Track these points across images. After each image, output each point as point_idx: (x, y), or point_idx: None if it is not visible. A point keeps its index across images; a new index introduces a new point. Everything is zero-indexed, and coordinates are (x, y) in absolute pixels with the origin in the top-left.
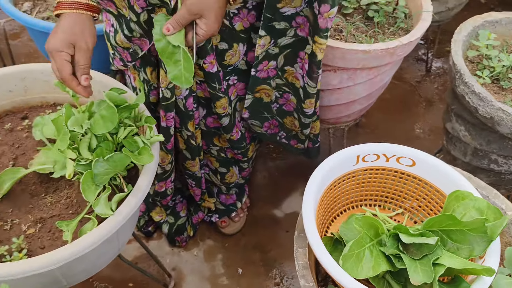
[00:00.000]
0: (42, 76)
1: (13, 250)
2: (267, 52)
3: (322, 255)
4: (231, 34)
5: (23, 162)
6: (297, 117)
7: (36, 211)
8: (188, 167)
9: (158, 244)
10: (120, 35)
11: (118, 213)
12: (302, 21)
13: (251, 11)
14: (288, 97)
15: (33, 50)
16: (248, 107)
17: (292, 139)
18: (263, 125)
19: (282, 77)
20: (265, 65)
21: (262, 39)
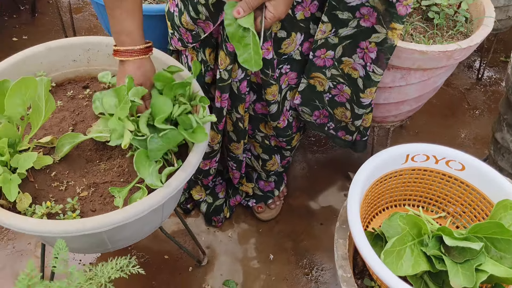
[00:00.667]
0: (106, 49)
1: (67, 209)
2: (326, 40)
3: (364, 248)
4: (291, 22)
5: (82, 129)
6: (349, 107)
7: (90, 175)
8: (232, 149)
9: (195, 222)
10: (186, 16)
11: (167, 185)
12: (367, 12)
13: (314, 0)
14: (342, 88)
15: (93, 25)
16: (301, 92)
17: (340, 130)
18: (313, 114)
19: (338, 68)
20: (323, 53)
21: (324, 25)
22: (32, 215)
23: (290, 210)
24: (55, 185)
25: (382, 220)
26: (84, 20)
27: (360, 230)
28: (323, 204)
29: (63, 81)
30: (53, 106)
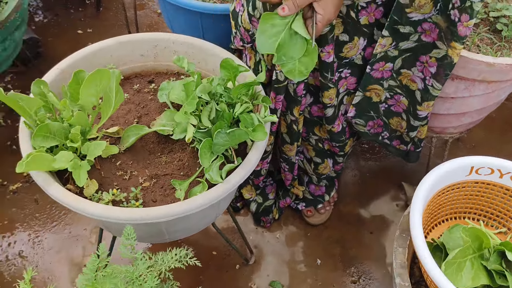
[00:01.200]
0: (172, 46)
1: (130, 198)
2: (386, 53)
3: (426, 258)
4: (355, 27)
5: (146, 122)
6: (405, 118)
7: (152, 167)
8: (285, 151)
9: (244, 221)
10: (245, 13)
11: (227, 181)
12: (429, 27)
13: (379, 6)
14: (399, 99)
15: (154, 21)
16: (356, 105)
17: (395, 139)
18: (367, 124)
19: (396, 79)
20: (381, 66)
21: (384, 39)
22: (98, 201)
23: (340, 216)
24: (120, 174)
25: (441, 231)
26: (146, 16)
27: (422, 240)
28: (374, 212)
29: (130, 74)
30: (122, 98)
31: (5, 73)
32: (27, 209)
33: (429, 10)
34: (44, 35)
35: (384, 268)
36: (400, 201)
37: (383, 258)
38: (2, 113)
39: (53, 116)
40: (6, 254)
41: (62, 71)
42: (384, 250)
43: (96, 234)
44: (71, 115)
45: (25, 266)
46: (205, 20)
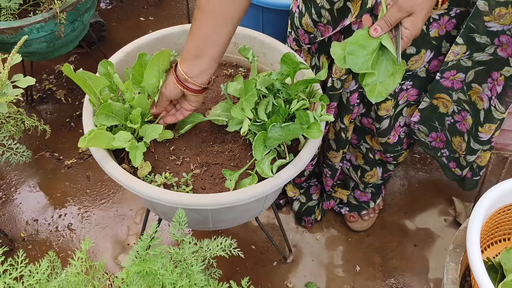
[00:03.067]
0: (234, 38)
1: (181, 183)
2: (459, 62)
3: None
4: (423, 39)
5: (202, 110)
6: (466, 139)
7: (204, 155)
8: (330, 157)
9: (285, 219)
10: (307, 18)
11: (278, 176)
12: (507, 41)
13: (452, 18)
14: (466, 116)
15: None
16: (421, 110)
17: (452, 161)
18: (430, 135)
19: (466, 93)
20: (453, 75)
21: (457, 46)
22: (151, 182)
23: (383, 225)
24: (172, 158)
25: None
26: None
27: (479, 258)
28: (420, 225)
29: None
30: None
31: (70, 53)
32: (79, 184)
33: (509, 22)
34: (108, 20)
35: (425, 283)
36: (448, 216)
37: (425, 272)
38: (63, 91)
39: (116, 97)
40: (56, 225)
41: (127, 54)
42: (427, 264)
43: (141, 215)
44: (133, 97)
45: (72, 238)
46: (266, 15)
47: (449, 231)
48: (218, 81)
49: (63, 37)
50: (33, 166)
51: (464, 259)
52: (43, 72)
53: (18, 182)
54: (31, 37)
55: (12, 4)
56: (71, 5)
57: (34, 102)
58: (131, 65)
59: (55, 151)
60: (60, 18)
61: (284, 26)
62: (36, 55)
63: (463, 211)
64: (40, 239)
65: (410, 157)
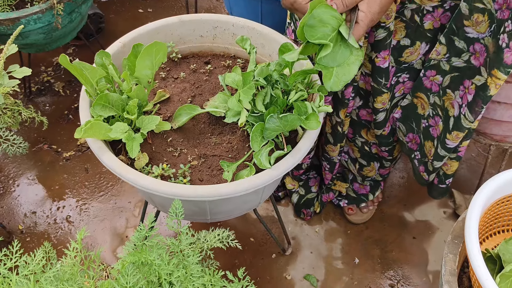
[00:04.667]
0: (232, 29)
1: (178, 175)
2: (439, 63)
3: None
4: (418, 31)
5: (199, 102)
6: (435, 145)
7: (201, 147)
8: (328, 151)
9: (284, 211)
10: None
11: (275, 168)
12: (479, 49)
13: (446, 11)
14: (438, 122)
15: (213, 6)
16: (403, 108)
17: (422, 164)
18: (407, 135)
19: (441, 98)
20: (432, 75)
21: (440, 46)
22: (148, 174)
23: (382, 218)
24: (170, 150)
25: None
26: (205, 0)
27: (477, 249)
28: (419, 217)
29: (187, 54)
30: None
31: (68, 45)
32: (77, 177)
33: (484, 30)
34: (107, 12)
35: (424, 275)
36: (448, 209)
37: (425, 264)
38: (61, 83)
39: (112, 88)
40: (55, 217)
41: (124, 44)
42: (427, 256)
43: (140, 208)
44: (130, 87)
45: (71, 230)
46: (265, 6)
47: (448, 223)
48: (216, 72)
49: (60, 28)
50: (31, 159)
51: (463, 251)
52: (41, 64)
53: (16, 174)
54: (29, 29)
55: None
56: None
57: (32, 94)
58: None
59: (53, 143)
60: (57, 9)
61: (283, 17)
62: (33, 47)
63: (462, 204)
64: (38, 232)
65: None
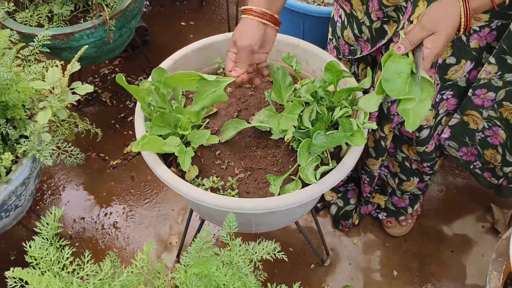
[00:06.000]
0: (277, 46)
1: (226, 187)
2: (490, 81)
3: None
4: (463, 50)
5: (245, 116)
6: (501, 152)
7: (247, 160)
8: (368, 164)
9: (322, 222)
10: (349, 32)
11: (321, 183)
12: None
13: (493, 30)
14: (497, 131)
15: None
16: (452, 127)
17: (486, 171)
18: (460, 150)
19: (497, 111)
20: (483, 93)
21: (490, 66)
22: (198, 185)
23: (421, 231)
24: (218, 163)
25: None
26: None
27: None
28: (457, 231)
29: None
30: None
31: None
32: (124, 184)
33: None
34: (151, 24)
35: None
36: (486, 223)
37: (463, 278)
38: (108, 93)
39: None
40: (102, 223)
41: (175, 61)
42: (465, 270)
43: (183, 216)
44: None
45: (117, 236)
46: (307, 22)
47: (487, 237)
48: (261, 87)
49: (111, 43)
50: (80, 166)
51: (507, 268)
52: (89, 75)
53: (65, 181)
54: (81, 43)
55: (64, 11)
56: (120, 12)
57: (81, 105)
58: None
59: (101, 152)
60: (110, 24)
61: (324, 33)
62: (85, 60)
63: (501, 218)
64: (87, 237)
65: (448, 163)
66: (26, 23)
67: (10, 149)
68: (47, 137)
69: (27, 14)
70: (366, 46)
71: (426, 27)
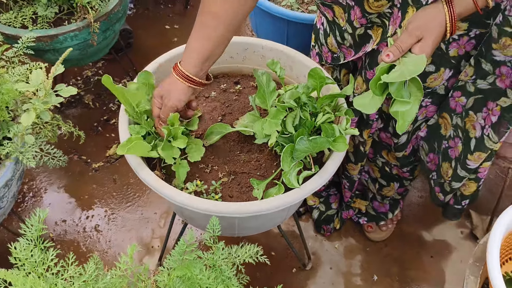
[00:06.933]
0: (261, 51)
1: (210, 191)
2: (465, 85)
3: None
4: (442, 58)
5: (229, 120)
6: (453, 166)
7: (231, 164)
8: (348, 169)
9: (304, 226)
10: (331, 39)
11: (304, 187)
12: (506, 72)
13: (471, 39)
14: (457, 143)
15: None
16: (429, 127)
17: (437, 185)
18: (428, 155)
19: (463, 119)
20: (458, 96)
21: (469, 68)
22: (182, 189)
23: (401, 236)
24: (201, 166)
25: None
26: None
27: (498, 272)
28: (437, 236)
29: (218, 74)
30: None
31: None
32: (106, 187)
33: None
34: (135, 27)
35: None
36: (465, 229)
37: (442, 283)
38: (91, 96)
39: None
40: (84, 226)
41: (160, 65)
42: (444, 275)
43: (165, 219)
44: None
45: (99, 239)
46: (291, 28)
47: (466, 243)
48: (245, 92)
49: (95, 45)
50: (62, 169)
51: (484, 273)
52: (72, 77)
53: (47, 183)
54: (65, 45)
55: (49, 13)
56: (104, 15)
57: (64, 107)
58: (164, 76)
59: (83, 154)
60: (94, 27)
61: (307, 39)
62: (68, 62)
63: (479, 224)
64: (68, 239)
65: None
66: (10, 24)
67: None
68: (31, 139)
69: (11, 16)
70: (349, 52)
71: (414, 33)
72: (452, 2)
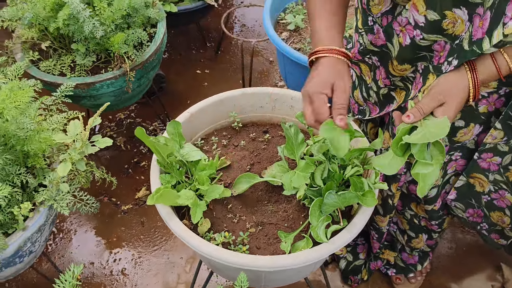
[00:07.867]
0: (290, 101)
1: (237, 242)
2: (496, 146)
3: None
4: (472, 114)
5: (257, 170)
6: (509, 214)
7: (259, 214)
8: (377, 221)
9: (331, 276)
10: (358, 93)
11: (332, 242)
12: None
13: (501, 97)
14: (504, 194)
15: (266, 69)
16: (458, 189)
17: (493, 233)
18: (467, 211)
19: (503, 175)
20: (489, 157)
21: (496, 131)
22: (210, 240)
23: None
24: (229, 216)
25: None
26: (258, 63)
27: None
28: None
29: (247, 123)
30: None
31: None
32: (134, 230)
33: None
34: (168, 72)
35: None
36: (496, 282)
37: None
38: (123, 138)
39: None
40: (111, 269)
41: (192, 114)
42: None
43: (191, 264)
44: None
45: (125, 283)
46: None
47: None
48: (274, 141)
49: (130, 92)
50: None
51: None
52: (105, 119)
53: (77, 225)
54: (101, 92)
55: (87, 61)
56: (140, 64)
57: None
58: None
59: (113, 196)
60: (130, 76)
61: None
62: None
63: (511, 278)
64: (95, 282)
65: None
66: (49, 71)
67: (28, 197)
68: (66, 187)
69: (50, 63)
70: (374, 109)
71: (436, 98)
72: (476, 69)
